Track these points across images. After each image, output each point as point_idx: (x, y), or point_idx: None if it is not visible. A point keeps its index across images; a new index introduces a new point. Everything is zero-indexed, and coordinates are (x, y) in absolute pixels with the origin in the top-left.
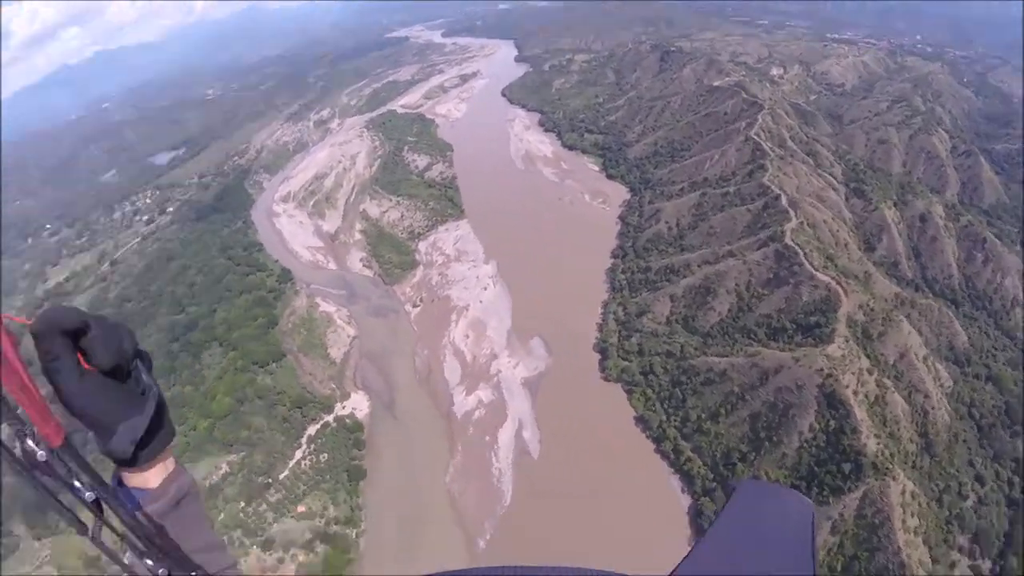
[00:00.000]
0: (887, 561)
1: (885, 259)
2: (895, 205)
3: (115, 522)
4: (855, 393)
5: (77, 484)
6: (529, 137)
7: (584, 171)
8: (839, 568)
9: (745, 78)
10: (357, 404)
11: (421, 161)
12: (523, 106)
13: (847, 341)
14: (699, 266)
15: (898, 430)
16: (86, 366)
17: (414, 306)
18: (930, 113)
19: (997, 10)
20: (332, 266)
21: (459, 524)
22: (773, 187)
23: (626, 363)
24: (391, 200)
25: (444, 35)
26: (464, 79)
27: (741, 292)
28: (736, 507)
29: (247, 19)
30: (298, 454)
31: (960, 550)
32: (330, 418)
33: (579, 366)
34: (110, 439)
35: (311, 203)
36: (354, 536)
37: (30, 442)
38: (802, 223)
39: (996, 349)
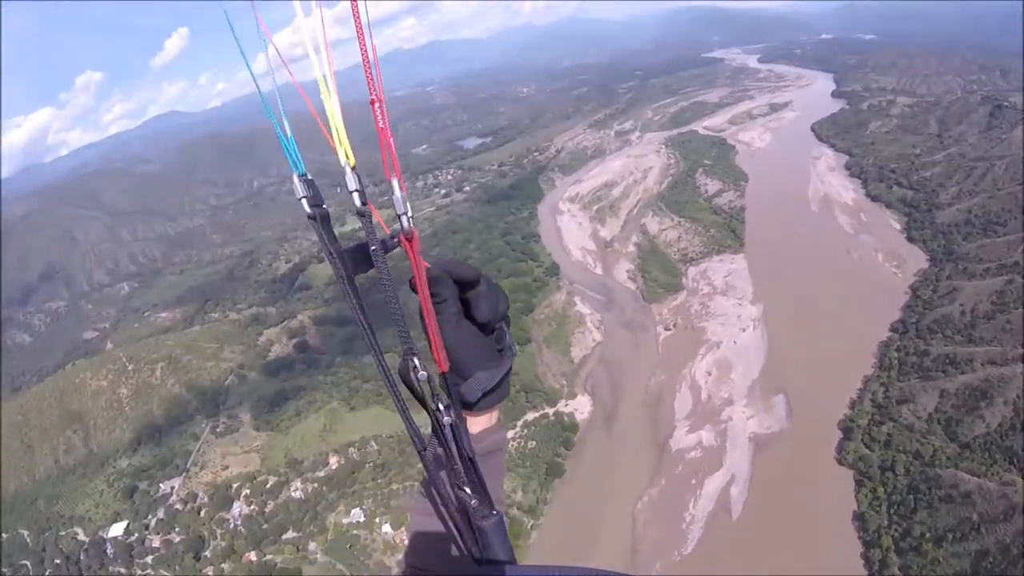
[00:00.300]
0: None
1: None
2: None
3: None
4: None
5: (440, 407)
6: (831, 180)
7: (883, 227)
8: None
9: None
10: (579, 407)
11: (712, 186)
12: (831, 145)
13: None
14: (983, 364)
15: None
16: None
17: (666, 329)
18: None
19: None
20: (598, 271)
21: (630, 553)
22: None
23: (867, 451)
24: (672, 219)
25: (760, 60)
26: (774, 108)
27: (1020, 407)
28: None
29: (568, 26)
30: (510, 434)
31: None
32: (551, 411)
33: (816, 438)
34: (464, 382)
35: (595, 207)
36: (528, 527)
37: (417, 360)
38: None
39: None
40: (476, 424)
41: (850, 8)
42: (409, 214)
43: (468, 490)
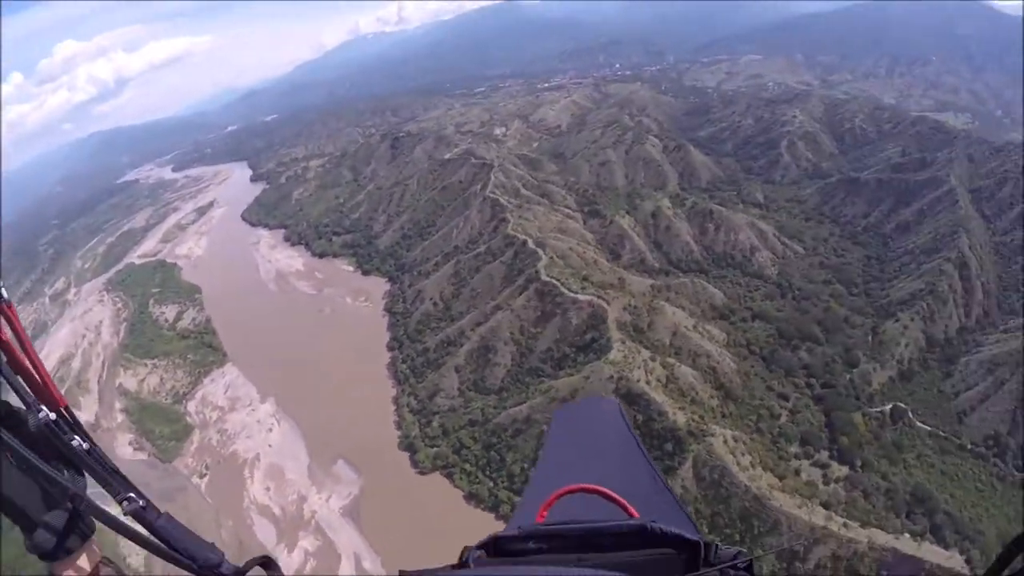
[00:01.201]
0: (743, 501)
1: (633, 260)
2: (628, 213)
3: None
4: (648, 382)
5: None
6: (277, 255)
7: (340, 275)
8: (709, 531)
9: (472, 144)
10: None
11: (170, 312)
12: (265, 225)
13: (623, 342)
14: (472, 329)
15: (697, 395)
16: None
17: (201, 476)
18: (638, 126)
19: (682, 25)
20: None
21: None
22: (518, 235)
23: (436, 449)
24: (146, 365)
25: (175, 169)
26: (201, 212)
27: (518, 339)
28: (556, 430)
29: None
30: None
31: (796, 457)
32: None
33: (392, 471)
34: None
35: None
36: None
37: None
38: (552, 258)
39: (751, 291)
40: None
41: (251, 95)
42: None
43: None
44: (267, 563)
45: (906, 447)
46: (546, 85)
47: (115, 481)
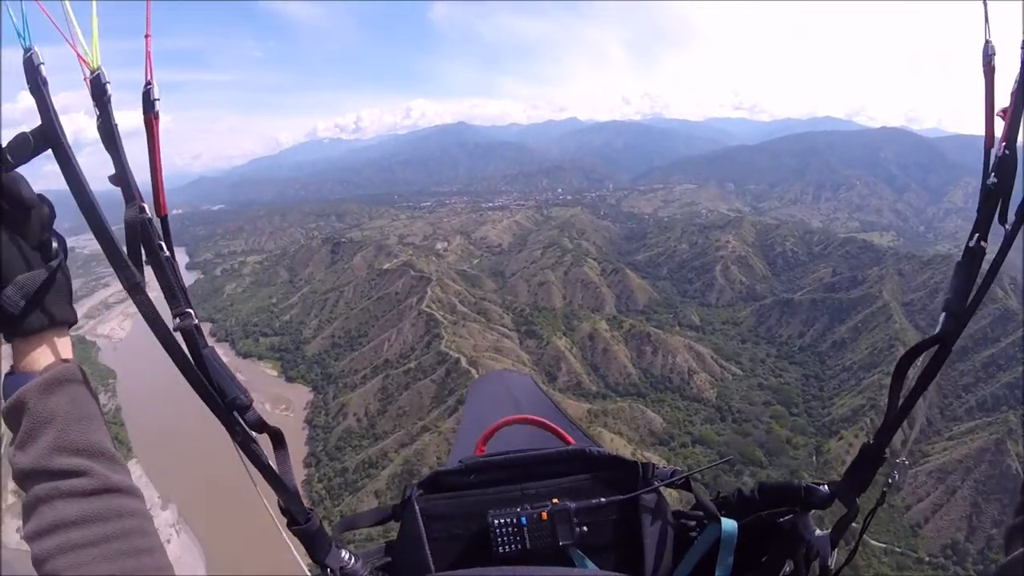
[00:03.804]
0: None
1: (569, 383)
2: (564, 334)
3: None
4: None
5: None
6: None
7: (262, 378)
8: None
9: (413, 256)
10: None
11: None
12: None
13: None
14: (396, 451)
15: None
16: None
17: None
18: (577, 248)
19: (627, 156)
20: None
21: None
22: (451, 352)
23: None
24: None
25: None
26: None
27: (435, 463)
28: (475, 396)
29: None
30: None
31: None
32: None
33: None
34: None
35: None
36: None
37: None
38: None
39: (690, 415)
40: (36, 357)
41: (200, 181)
42: None
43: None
44: (279, 437)
45: (862, 567)
46: (490, 204)
47: (179, 294)
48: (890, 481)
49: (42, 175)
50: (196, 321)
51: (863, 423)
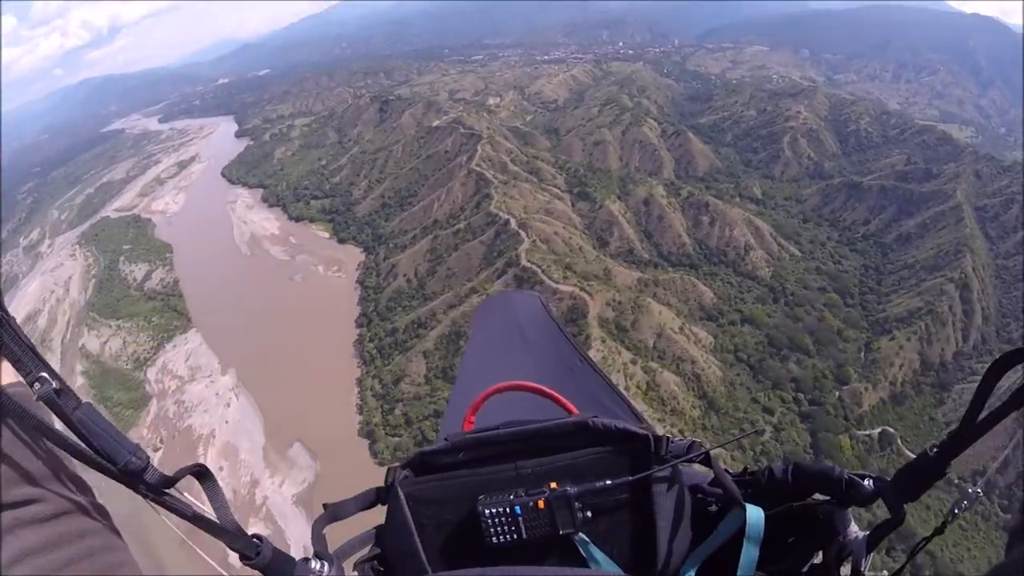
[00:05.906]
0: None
1: (620, 250)
2: (619, 198)
3: None
4: (627, 388)
5: None
6: (252, 217)
7: (315, 241)
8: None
9: (463, 113)
10: None
11: (139, 271)
12: (244, 184)
13: (604, 341)
14: (445, 312)
15: (678, 404)
16: None
17: (155, 450)
18: (637, 107)
19: (690, 9)
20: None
21: None
22: (501, 213)
23: (397, 439)
24: (111, 326)
25: (161, 121)
26: (182, 166)
27: None
28: (478, 329)
29: None
30: None
31: None
32: None
33: (349, 460)
34: None
35: None
36: None
37: None
38: (534, 241)
39: (742, 292)
40: None
41: (246, 48)
42: None
43: None
44: (201, 473)
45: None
46: (546, 58)
47: (26, 358)
48: (956, 512)
49: None
50: (55, 385)
51: (917, 327)
